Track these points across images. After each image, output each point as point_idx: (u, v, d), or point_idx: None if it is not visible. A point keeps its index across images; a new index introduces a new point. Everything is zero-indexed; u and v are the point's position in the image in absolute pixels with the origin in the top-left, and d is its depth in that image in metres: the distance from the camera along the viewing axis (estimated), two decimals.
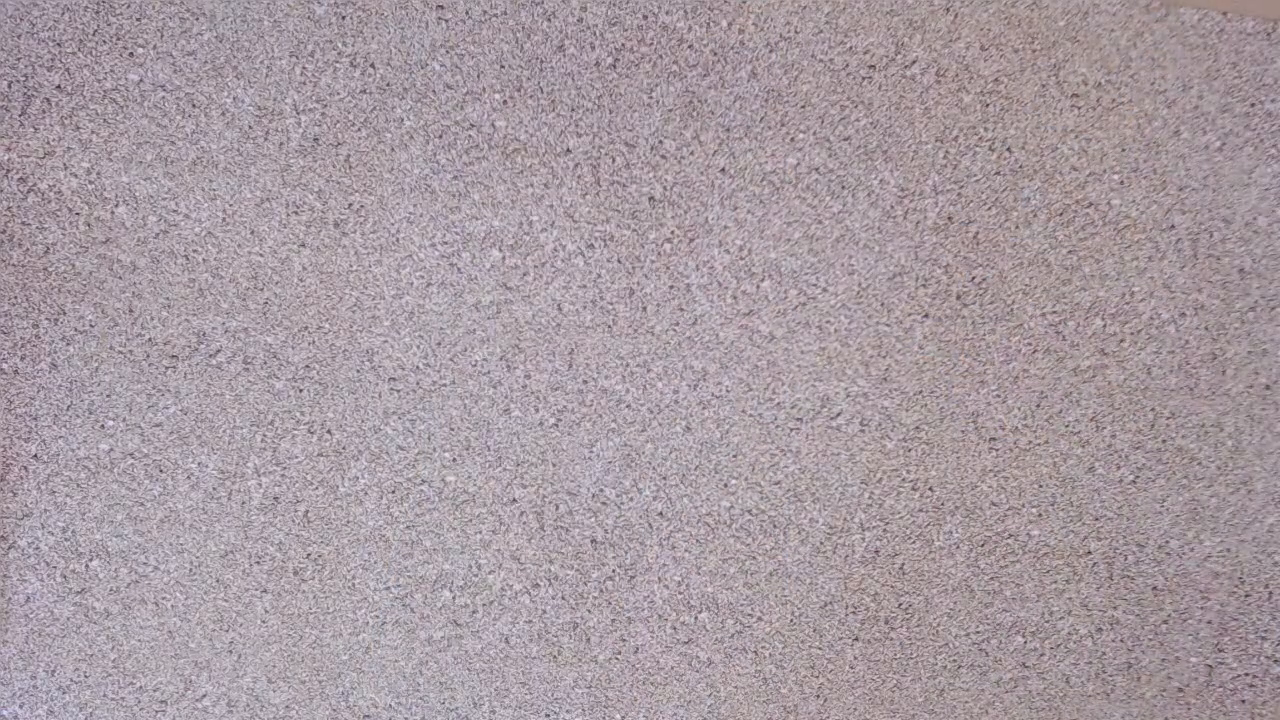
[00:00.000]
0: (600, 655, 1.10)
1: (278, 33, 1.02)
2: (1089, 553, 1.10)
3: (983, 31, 1.03)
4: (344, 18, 1.02)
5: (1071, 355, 1.07)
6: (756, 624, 1.10)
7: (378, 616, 1.09)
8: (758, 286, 1.05)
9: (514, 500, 1.08)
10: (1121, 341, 1.07)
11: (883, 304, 1.06)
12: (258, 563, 1.08)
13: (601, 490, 1.08)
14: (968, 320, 1.06)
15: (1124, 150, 1.05)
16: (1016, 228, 1.06)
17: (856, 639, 1.10)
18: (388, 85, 1.03)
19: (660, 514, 1.09)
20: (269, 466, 1.07)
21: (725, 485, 1.08)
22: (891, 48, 1.03)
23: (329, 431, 1.06)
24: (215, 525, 1.07)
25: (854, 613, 1.10)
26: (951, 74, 1.04)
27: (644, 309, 1.05)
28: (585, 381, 1.06)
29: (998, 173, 1.05)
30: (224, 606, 1.08)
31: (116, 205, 1.04)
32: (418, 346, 1.06)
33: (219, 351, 1.06)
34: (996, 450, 1.08)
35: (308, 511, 1.08)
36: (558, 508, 1.08)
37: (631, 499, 1.08)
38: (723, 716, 1.11)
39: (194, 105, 1.03)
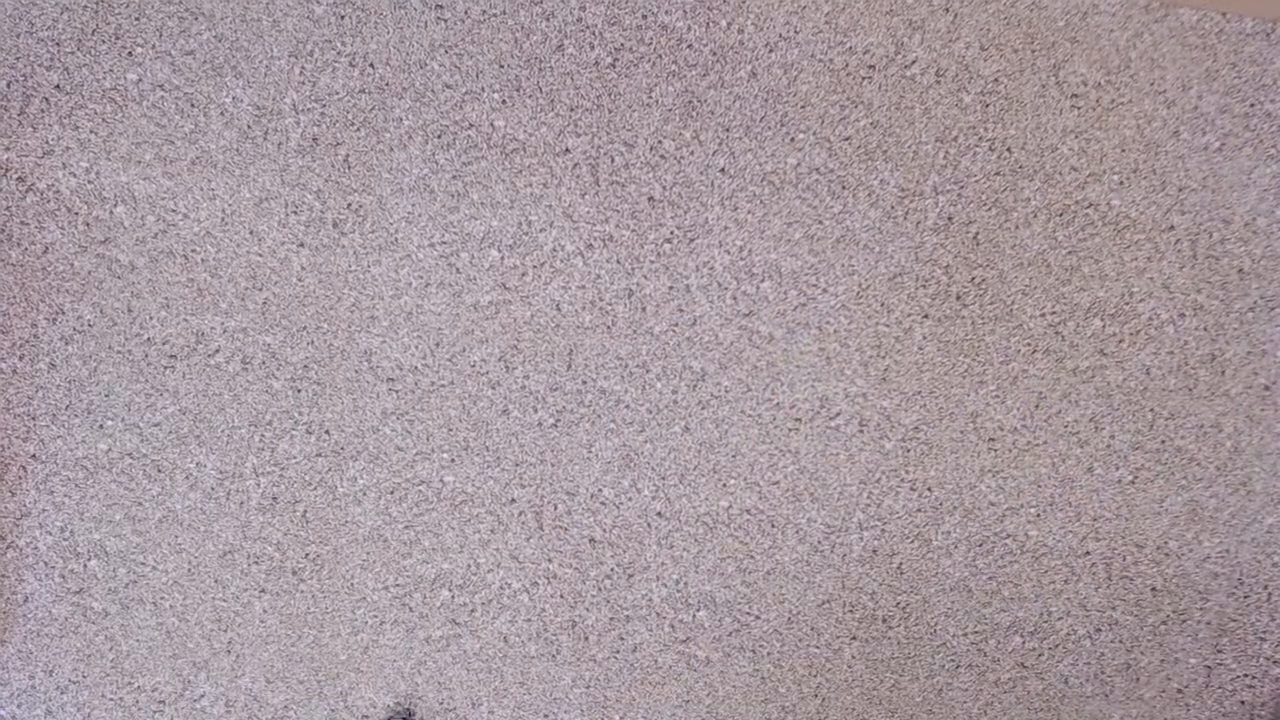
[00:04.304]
0: (598, 654, 1.10)
1: (277, 33, 1.02)
2: (1087, 553, 1.10)
3: (983, 31, 1.03)
4: (343, 18, 1.02)
5: (1070, 356, 1.07)
6: (754, 623, 1.10)
7: (376, 616, 1.09)
8: (757, 287, 1.05)
9: (513, 500, 1.08)
10: (1120, 342, 1.07)
11: (883, 304, 1.06)
12: (256, 563, 1.08)
13: (600, 490, 1.08)
14: (967, 320, 1.06)
15: (1124, 150, 1.05)
16: (1016, 228, 1.06)
17: (854, 638, 1.10)
18: (387, 85, 1.03)
19: (659, 514, 1.08)
20: (267, 466, 1.07)
21: (724, 485, 1.08)
22: (891, 48, 1.03)
23: (327, 432, 1.06)
24: (213, 525, 1.07)
25: (852, 612, 1.10)
26: (951, 74, 1.04)
27: (643, 309, 1.05)
28: (584, 382, 1.06)
29: (998, 173, 1.05)
30: (222, 606, 1.08)
31: (115, 205, 1.04)
32: (416, 347, 1.05)
33: (217, 351, 1.06)
34: (995, 450, 1.08)
35: (306, 512, 1.08)
36: (556, 507, 1.08)
37: (630, 499, 1.08)
38: (721, 715, 1.11)
39: (193, 105, 1.03)
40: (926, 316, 1.06)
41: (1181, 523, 1.09)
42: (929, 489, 1.09)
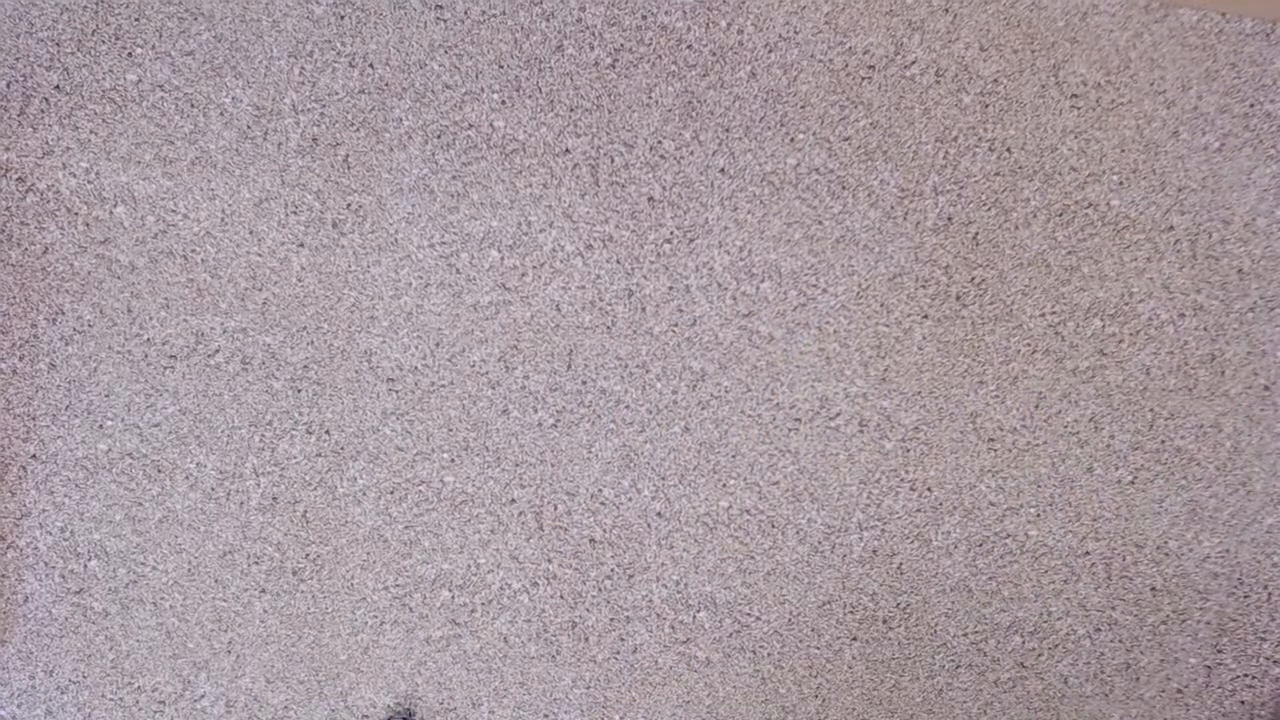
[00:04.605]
0: (598, 655, 1.10)
1: (276, 33, 1.02)
2: (1087, 553, 1.10)
3: (982, 32, 1.03)
4: (343, 18, 1.02)
5: (1070, 356, 1.07)
6: (755, 623, 1.10)
7: (376, 616, 1.09)
8: (757, 287, 1.05)
9: (513, 500, 1.08)
10: (1120, 342, 1.07)
11: (882, 304, 1.06)
12: (256, 563, 1.08)
13: (600, 490, 1.08)
14: (967, 320, 1.06)
15: (1123, 150, 1.05)
16: (1016, 228, 1.06)
17: (854, 639, 1.10)
18: (386, 85, 1.03)
19: (659, 514, 1.08)
20: (267, 467, 1.07)
21: (724, 485, 1.08)
22: (891, 48, 1.03)
23: (327, 432, 1.06)
24: (213, 525, 1.07)
25: (852, 612, 1.10)
26: (951, 74, 1.04)
27: (643, 310, 1.05)
28: (584, 382, 1.06)
29: (997, 173, 1.05)
30: (222, 606, 1.08)
31: (115, 205, 1.04)
32: (416, 347, 1.05)
33: (217, 351, 1.06)
34: (995, 450, 1.08)
35: (306, 512, 1.08)
36: (556, 508, 1.08)
37: (630, 499, 1.08)
38: (721, 716, 1.11)
39: (192, 105, 1.03)
40: (926, 316, 1.06)
41: (1181, 523, 1.09)
42: (929, 489, 1.09)
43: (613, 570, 1.09)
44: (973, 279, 1.06)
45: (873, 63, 1.03)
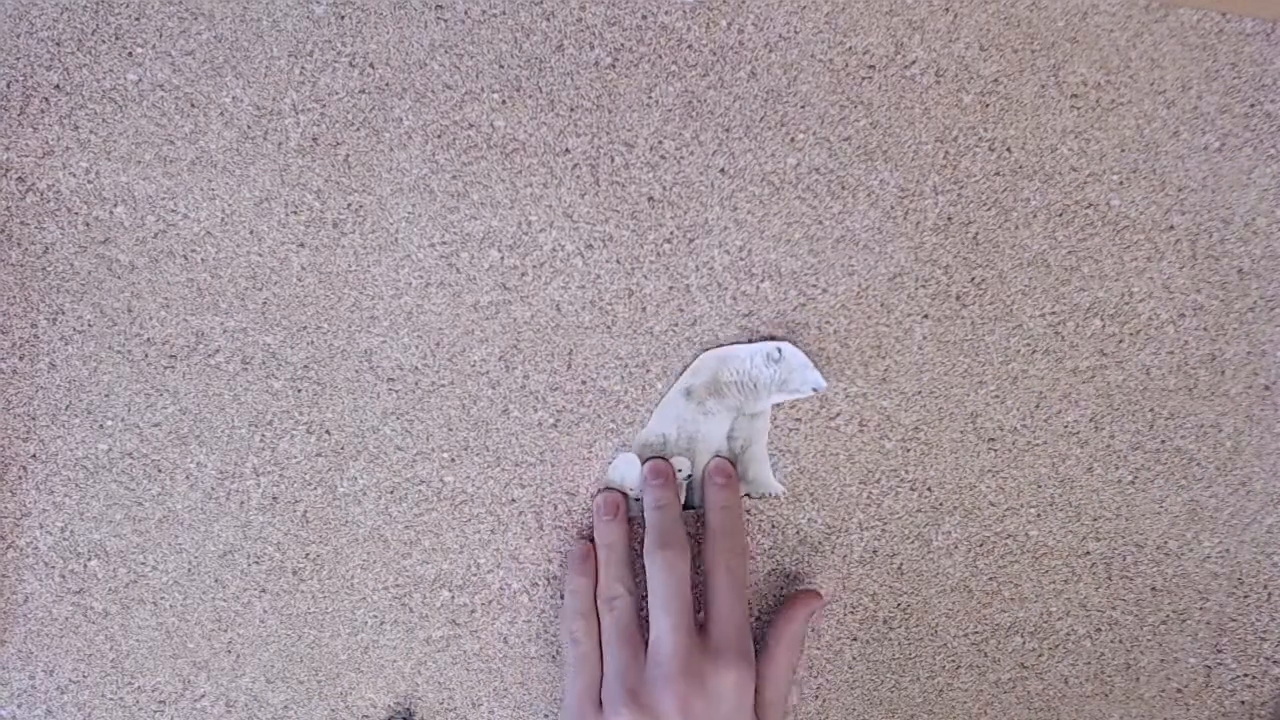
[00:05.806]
0: None
1: (276, 33, 1.02)
2: (1087, 553, 1.10)
3: (983, 32, 1.03)
4: (343, 18, 1.02)
5: (1070, 356, 1.07)
6: (755, 625, 1.10)
7: (376, 616, 1.09)
8: (757, 287, 1.05)
9: (513, 500, 1.08)
10: (1120, 342, 1.07)
11: (882, 304, 1.06)
12: (256, 562, 1.08)
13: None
14: (967, 320, 1.06)
15: (1123, 150, 1.05)
16: (1016, 228, 1.06)
17: (855, 639, 1.10)
18: (386, 85, 1.03)
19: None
20: (267, 466, 1.07)
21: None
22: (891, 48, 1.03)
23: (327, 432, 1.06)
24: (213, 525, 1.07)
25: (852, 613, 1.10)
26: (951, 74, 1.04)
27: (643, 309, 1.05)
28: (584, 382, 1.06)
29: (997, 173, 1.05)
30: (222, 606, 1.08)
31: (115, 205, 1.04)
32: (416, 347, 1.06)
33: (217, 351, 1.06)
34: (995, 450, 1.08)
35: (306, 511, 1.08)
36: (556, 507, 1.08)
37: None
38: None
39: (193, 105, 1.03)
40: (926, 316, 1.06)
41: (1181, 523, 1.09)
42: (929, 489, 1.09)
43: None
44: (973, 279, 1.06)
45: (873, 63, 1.03)
